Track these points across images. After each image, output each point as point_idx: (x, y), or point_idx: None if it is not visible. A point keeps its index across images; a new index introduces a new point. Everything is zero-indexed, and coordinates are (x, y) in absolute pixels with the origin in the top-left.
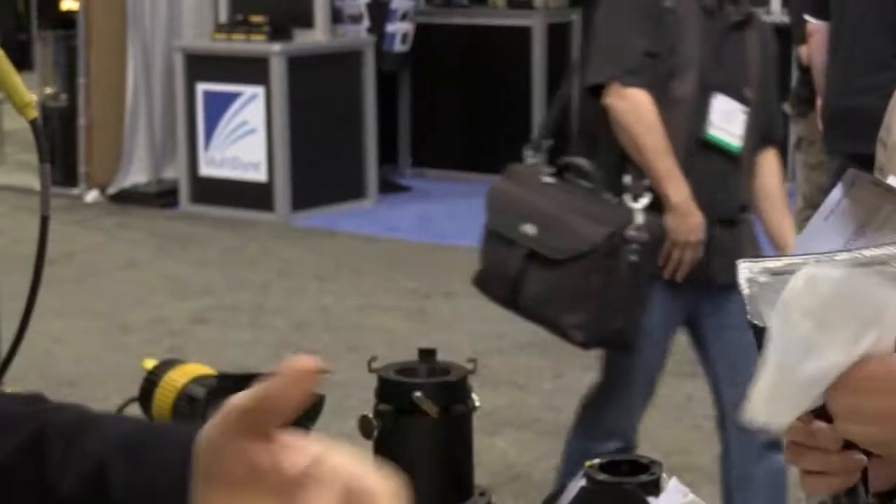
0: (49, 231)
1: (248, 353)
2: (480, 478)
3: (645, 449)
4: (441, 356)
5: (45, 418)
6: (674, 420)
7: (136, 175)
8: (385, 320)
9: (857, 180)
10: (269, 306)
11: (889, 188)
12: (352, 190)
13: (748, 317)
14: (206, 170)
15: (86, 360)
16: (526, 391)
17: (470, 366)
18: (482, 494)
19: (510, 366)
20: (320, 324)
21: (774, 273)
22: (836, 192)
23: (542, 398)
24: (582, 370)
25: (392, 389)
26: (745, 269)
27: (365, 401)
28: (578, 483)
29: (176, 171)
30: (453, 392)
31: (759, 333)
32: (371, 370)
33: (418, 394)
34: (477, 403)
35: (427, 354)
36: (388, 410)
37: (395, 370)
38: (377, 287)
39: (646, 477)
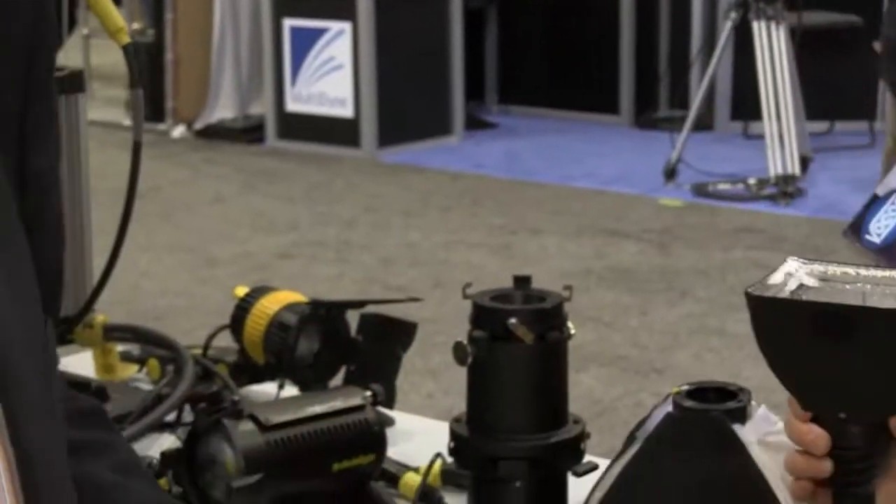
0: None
1: (333, 288)
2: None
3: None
4: None
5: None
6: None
7: (223, 110)
8: (471, 256)
9: None
10: (355, 242)
11: None
12: (438, 126)
13: None
14: (292, 105)
15: (172, 294)
16: (612, 328)
17: (566, 293)
18: (577, 422)
19: (596, 302)
20: (406, 259)
21: None
22: None
23: (628, 335)
24: (667, 307)
25: (487, 316)
26: None
27: (451, 336)
28: (665, 409)
29: (262, 107)
30: (548, 319)
31: None
32: (465, 296)
33: (513, 320)
34: (572, 331)
35: (522, 281)
36: (483, 337)
37: (490, 297)
38: (463, 223)
39: (733, 404)
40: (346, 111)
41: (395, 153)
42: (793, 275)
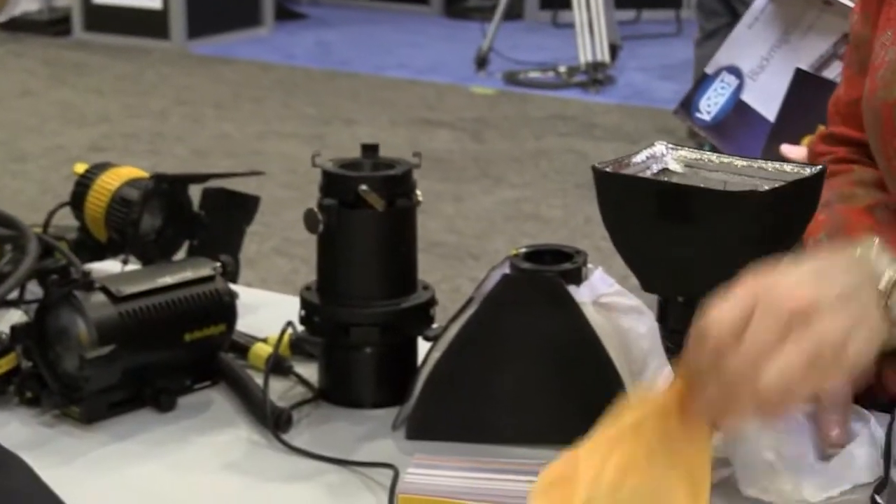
0: None
1: None
2: None
3: None
4: None
5: None
6: None
7: (28, 2)
8: (284, 147)
9: None
10: (168, 134)
11: None
12: (248, 17)
13: None
14: None
15: None
16: (427, 215)
17: (415, 160)
18: (426, 288)
19: None
20: (220, 150)
21: None
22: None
23: (444, 222)
24: (482, 194)
25: (337, 183)
26: None
27: (268, 226)
28: (502, 271)
29: None
30: (398, 185)
31: None
32: (314, 165)
33: (364, 187)
34: (420, 198)
35: (370, 149)
36: (333, 204)
37: (340, 164)
38: (276, 114)
39: (568, 265)
40: (154, 2)
41: (205, 45)
42: (657, 158)
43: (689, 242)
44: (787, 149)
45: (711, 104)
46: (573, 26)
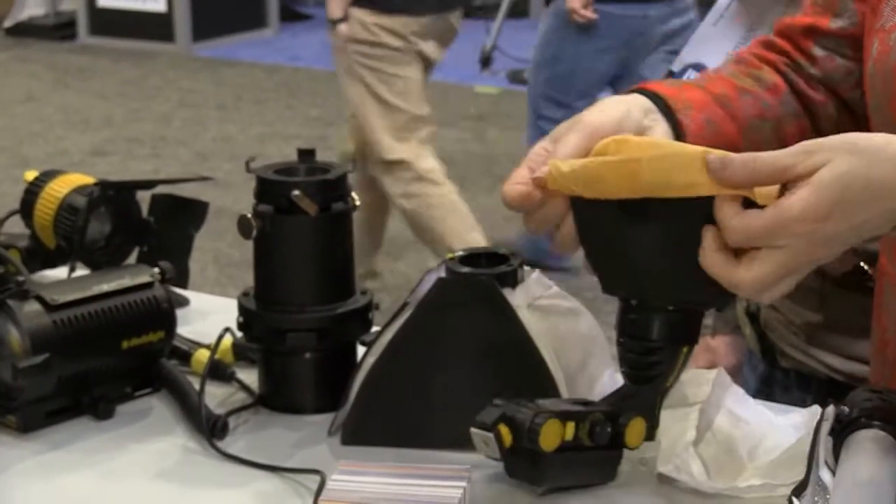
0: None
1: None
2: (386, 301)
3: None
4: None
5: None
6: None
7: (33, 7)
8: (288, 149)
9: None
10: (171, 137)
11: None
12: (253, 19)
13: None
14: (104, 1)
15: None
16: None
17: (349, 166)
18: (364, 293)
19: None
20: (223, 153)
21: None
22: None
23: None
24: (485, 193)
25: (270, 188)
26: None
27: None
28: (437, 274)
29: (74, 3)
30: (332, 190)
31: None
32: (249, 170)
33: (296, 192)
34: (357, 202)
35: (306, 154)
36: (267, 210)
37: (274, 170)
38: (279, 116)
39: (503, 268)
40: (159, 5)
41: (209, 47)
42: None
43: (645, 244)
44: None
45: None
46: None
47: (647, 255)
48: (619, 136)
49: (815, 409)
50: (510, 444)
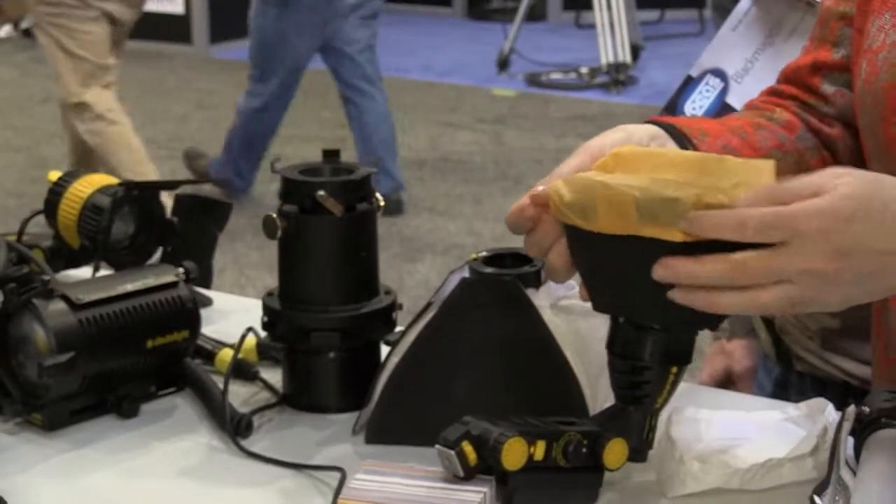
0: None
1: None
2: (404, 302)
3: None
4: None
5: None
6: None
7: None
8: (306, 150)
9: None
10: (189, 138)
11: None
12: None
13: None
14: None
15: (3, 194)
16: (446, 217)
17: (374, 168)
18: (388, 293)
19: (431, 193)
20: None
21: None
22: (745, 2)
23: (463, 224)
24: (501, 196)
25: (295, 189)
26: None
27: None
28: (461, 275)
29: None
30: (357, 190)
31: None
32: (274, 170)
33: (321, 192)
34: (381, 203)
35: (330, 154)
36: (292, 210)
37: (299, 170)
38: (297, 117)
39: (527, 268)
40: (177, 7)
41: (226, 49)
42: None
43: (632, 267)
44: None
45: (696, 107)
46: (595, 27)
47: (635, 277)
48: (616, 148)
49: (817, 401)
50: (475, 463)
